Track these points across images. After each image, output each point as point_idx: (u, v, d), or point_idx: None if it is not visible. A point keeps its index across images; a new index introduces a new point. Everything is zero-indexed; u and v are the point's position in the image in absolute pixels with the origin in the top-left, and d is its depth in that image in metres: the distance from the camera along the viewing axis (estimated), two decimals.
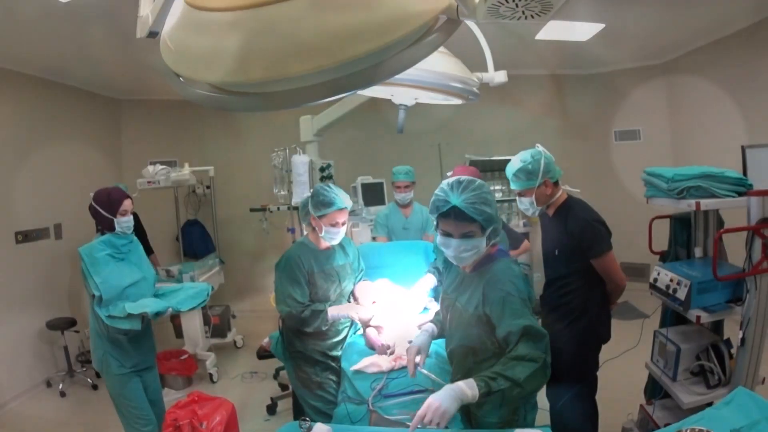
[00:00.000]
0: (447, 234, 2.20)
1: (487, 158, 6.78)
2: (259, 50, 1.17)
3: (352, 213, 5.21)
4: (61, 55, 5.52)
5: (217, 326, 6.39)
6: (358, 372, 2.86)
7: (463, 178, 2.23)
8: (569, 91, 8.13)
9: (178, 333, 6.19)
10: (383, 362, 2.86)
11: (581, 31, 5.57)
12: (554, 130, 8.03)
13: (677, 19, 5.36)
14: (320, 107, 4.75)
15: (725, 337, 3.19)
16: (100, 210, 3.34)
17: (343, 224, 3.27)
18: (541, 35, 5.62)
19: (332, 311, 3.19)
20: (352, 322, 3.45)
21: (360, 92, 3.26)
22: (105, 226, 3.39)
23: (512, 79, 7.77)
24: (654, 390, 3.54)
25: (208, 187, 7.06)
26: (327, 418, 2.91)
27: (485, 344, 2.18)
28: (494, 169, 7.08)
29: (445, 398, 1.78)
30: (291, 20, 1.13)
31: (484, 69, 3.27)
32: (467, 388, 1.80)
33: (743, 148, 3.46)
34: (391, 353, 3.00)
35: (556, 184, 3.22)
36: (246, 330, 7.08)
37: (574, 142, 8.05)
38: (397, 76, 2.81)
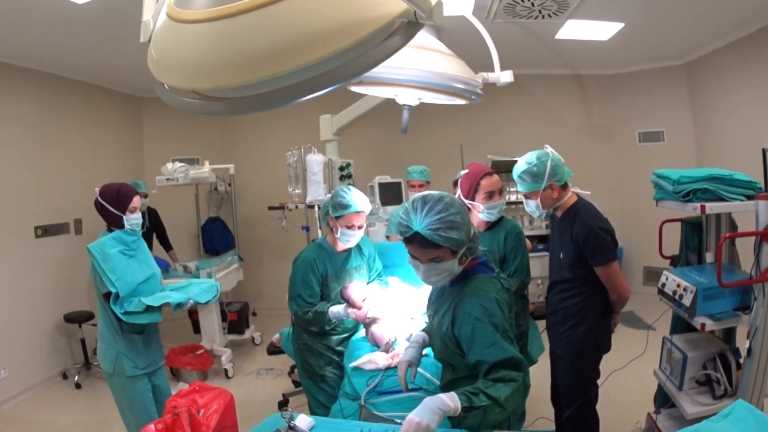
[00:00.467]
0: (414, 257, 2.12)
1: (509, 159, 6.80)
2: (225, 58, 1.26)
3: (369, 213, 5.29)
4: (81, 54, 5.70)
5: (235, 323, 6.49)
6: (356, 369, 2.93)
7: (429, 196, 2.10)
8: (592, 91, 8.10)
9: (196, 328, 6.34)
10: (380, 359, 2.92)
11: (601, 30, 5.55)
12: (577, 130, 8.03)
13: (698, 17, 5.31)
14: (339, 106, 4.83)
15: (736, 346, 3.15)
16: (108, 206, 3.29)
17: (360, 227, 3.32)
18: (560, 34, 5.62)
19: (333, 310, 3.27)
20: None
21: (364, 92, 3.34)
22: (113, 222, 3.34)
23: (534, 78, 7.86)
24: (663, 398, 3.51)
25: (229, 184, 7.19)
26: (329, 411, 2.98)
27: (460, 362, 2.16)
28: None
29: (425, 413, 1.78)
30: (253, 30, 1.22)
31: (505, 67, 3.28)
32: (449, 400, 1.80)
33: (764, 151, 3.36)
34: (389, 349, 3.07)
35: (564, 186, 3.15)
36: (265, 327, 7.21)
37: (597, 143, 8.05)
38: (399, 77, 2.90)
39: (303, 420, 2.06)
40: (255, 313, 8.10)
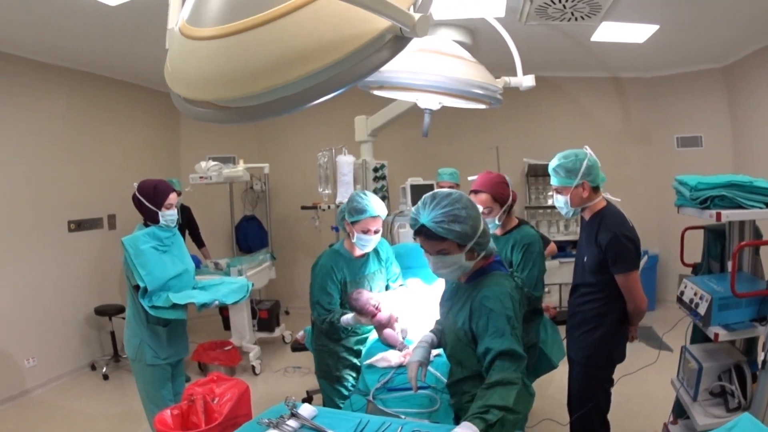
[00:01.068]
0: (425, 250, 2.28)
1: (546, 162, 6.82)
2: (230, 72, 1.44)
3: (400, 214, 5.40)
4: (116, 53, 5.95)
5: (265, 320, 6.63)
6: (370, 366, 3.07)
7: (439, 192, 2.25)
8: (630, 94, 8.07)
9: (226, 325, 6.52)
10: (393, 357, 3.05)
11: (637, 32, 5.57)
12: (615, 134, 8.01)
13: (735, 18, 5.27)
14: (375, 107, 4.96)
15: (754, 359, 3.11)
16: (145, 202, 3.46)
17: (376, 232, 3.36)
18: (596, 37, 5.66)
19: (344, 319, 3.31)
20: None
21: (387, 96, 3.47)
22: (149, 218, 3.51)
23: (572, 81, 7.88)
24: (680, 408, 3.49)
25: (265, 183, 7.37)
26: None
27: (471, 359, 2.24)
28: None
29: None
30: (257, 45, 1.38)
31: (542, 70, 3.34)
32: (466, 429, 1.77)
33: None
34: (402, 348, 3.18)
35: (596, 189, 3.20)
36: (297, 326, 7.27)
37: (635, 147, 8.02)
38: (418, 83, 3.04)
39: (306, 408, 2.21)
40: (288, 311, 8.25)
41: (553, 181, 3.24)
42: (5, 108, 5.54)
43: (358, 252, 3.51)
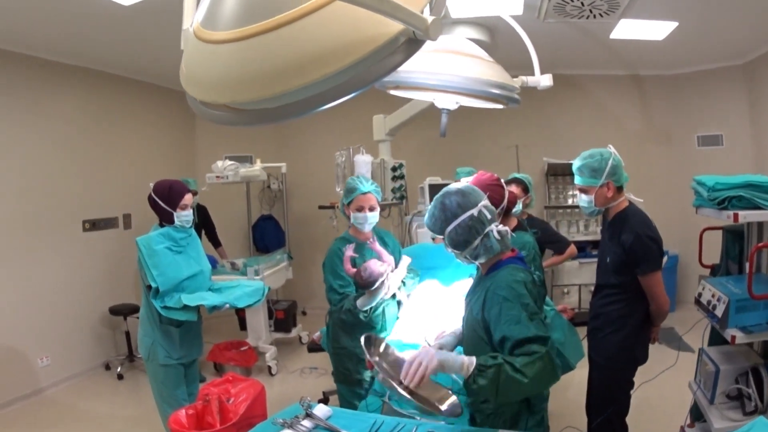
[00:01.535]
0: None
1: (565, 162, 6.83)
2: (246, 75, 1.47)
3: (418, 214, 5.41)
4: (131, 52, 6.03)
5: (282, 321, 6.67)
6: None
7: (443, 190, 2.36)
8: (650, 92, 8.02)
9: (243, 325, 6.59)
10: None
11: (655, 29, 5.56)
12: (635, 133, 7.98)
13: (755, 14, 5.23)
14: (393, 106, 4.98)
15: None
16: (160, 202, 3.51)
17: (371, 210, 3.52)
18: (615, 34, 5.65)
19: (360, 303, 3.36)
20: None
21: (404, 96, 3.50)
22: (164, 218, 3.57)
23: (591, 78, 7.86)
24: (698, 411, 3.47)
25: (282, 182, 7.40)
26: None
27: (485, 350, 2.21)
28: (572, 173, 7.09)
29: (441, 352, 2.00)
30: (272, 49, 1.41)
31: (561, 68, 3.35)
32: (465, 357, 1.97)
33: None
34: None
35: (619, 189, 3.24)
36: (314, 327, 7.29)
37: (655, 146, 7.98)
38: (435, 83, 3.06)
39: (321, 409, 2.25)
40: (305, 312, 8.27)
41: (578, 180, 3.28)
42: (21, 108, 5.62)
43: (362, 236, 3.63)
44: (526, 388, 1.96)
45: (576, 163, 3.27)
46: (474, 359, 1.96)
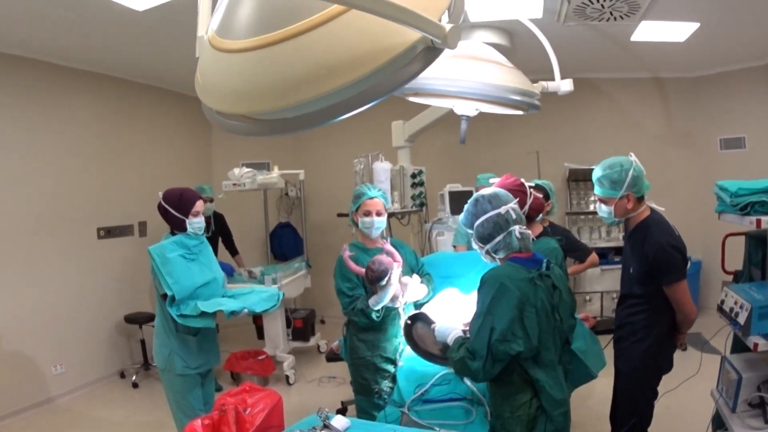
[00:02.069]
0: None
1: (587, 167, 6.79)
2: (262, 85, 1.48)
3: (438, 221, 5.41)
4: (146, 58, 6.09)
5: (300, 329, 6.68)
6: (405, 375, 3.09)
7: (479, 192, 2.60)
8: (672, 95, 7.96)
9: (260, 334, 6.61)
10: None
11: (677, 31, 5.53)
12: (657, 137, 7.91)
13: None
14: (412, 112, 4.98)
15: None
16: (171, 210, 3.51)
17: (378, 215, 3.54)
18: (636, 36, 5.63)
19: (372, 301, 3.38)
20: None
21: (423, 103, 3.50)
22: (176, 226, 3.57)
23: (612, 82, 7.83)
24: (720, 420, 3.43)
25: (300, 190, 7.43)
26: None
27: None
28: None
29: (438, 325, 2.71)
30: (288, 59, 1.42)
31: (582, 71, 3.34)
32: (455, 332, 2.65)
33: None
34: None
35: (640, 199, 3.20)
36: (332, 336, 7.30)
37: (677, 150, 7.91)
38: (454, 89, 3.05)
39: (339, 420, 2.25)
40: (323, 320, 8.28)
41: (597, 190, 3.26)
42: (36, 114, 5.68)
43: (372, 243, 3.67)
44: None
45: (596, 173, 3.24)
46: (459, 334, 2.59)
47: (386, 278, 3.26)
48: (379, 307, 3.36)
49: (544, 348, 2.39)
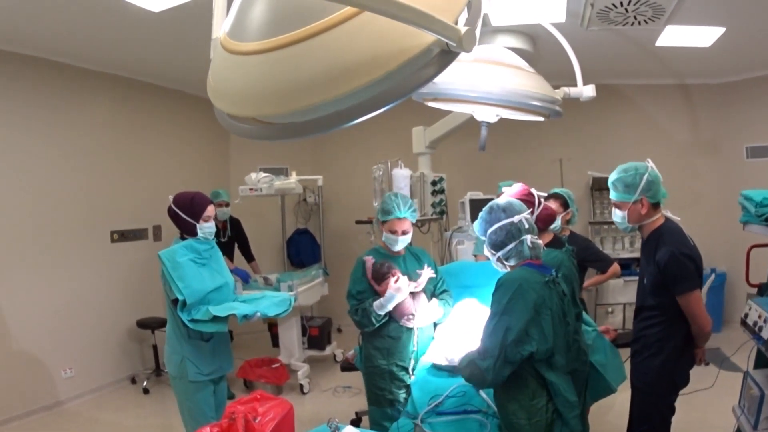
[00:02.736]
0: None
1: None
2: (274, 88, 1.47)
3: (458, 230, 5.39)
4: (161, 59, 6.13)
5: (316, 338, 6.65)
6: (419, 387, 3.08)
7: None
8: (698, 102, 7.88)
9: (275, 342, 6.59)
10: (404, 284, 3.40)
11: (702, 36, 5.49)
12: (682, 145, 7.84)
13: None
14: (433, 118, 4.96)
15: None
16: (182, 214, 3.54)
17: (404, 233, 3.57)
18: (661, 41, 5.60)
19: (376, 304, 3.46)
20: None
21: (442, 109, 3.48)
22: (186, 230, 3.59)
23: (637, 88, 7.78)
24: None
25: (318, 196, 7.43)
26: None
27: None
28: None
29: None
30: (296, 62, 1.41)
31: (606, 77, 3.33)
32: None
33: None
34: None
35: (655, 206, 3.17)
36: (349, 344, 7.26)
37: (702, 158, 7.84)
38: (474, 95, 3.04)
39: (349, 431, 2.23)
40: (340, 329, 8.22)
41: (612, 195, 3.25)
42: (50, 116, 5.74)
43: (394, 252, 3.71)
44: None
45: (611, 177, 3.24)
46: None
47: (392, 278, 3.42)
48: (383, 312, 3.45)
49: (557, 351, 2.46)
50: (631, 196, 3.12)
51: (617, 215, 3.26)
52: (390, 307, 3.45)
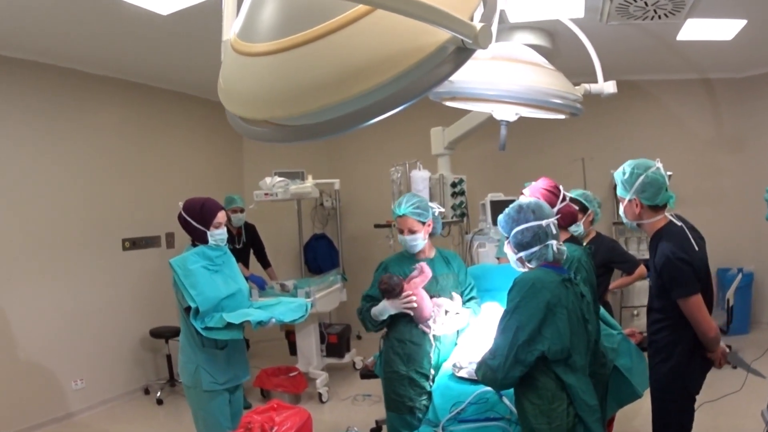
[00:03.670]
0: None
1: None
2: (286, 89, 1.46)
3: (479, 232, 5.36)
4: (173, 63, 6.18)
5: (334, 345, 6.63)
6: (440, 394, 3.07)
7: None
8: (721, 97, 7.80)
9: (293, 350, 6.59)
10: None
11: (723, 29, 5.45)
12: (706, 141, 7.76)
13: None
14: (452, 118, 4.94)
15: None
16: (192, 221, 3.53)
17: (411, 232, 3.53)
18: (682, 35, 5.56)
19: (374, 310, 3.50)
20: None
21: (461, 108, 3.48)
22: (197, 237, 3.58)
23: (658, 84, 7.73)
24: None
25: (336, 200, 7.43)
26: None
27: None
28: None
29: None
30: (308, 62, 1.41)
31: (627, 73, 3.32)
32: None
33: None
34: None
35: (654, 208, 3.12)
36: (369, 352, 7.21)
37: (726, 155, 7.75)
38: (492, 93, 3.03)
39: None
40: (359, 336, 8.18)
41: (617, 189, 3.30)
42: (60, 122, 5.78)
43: (419, 253, 3.69)
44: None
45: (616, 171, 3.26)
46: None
47: (395, 293, 3.38)
48: (380, 318, 3.50)
49: (575, 351, 2.44)
50: (625, 193, 3.17)
51: (621, 210, 3.29)
52: (384, 316, 3.50)
